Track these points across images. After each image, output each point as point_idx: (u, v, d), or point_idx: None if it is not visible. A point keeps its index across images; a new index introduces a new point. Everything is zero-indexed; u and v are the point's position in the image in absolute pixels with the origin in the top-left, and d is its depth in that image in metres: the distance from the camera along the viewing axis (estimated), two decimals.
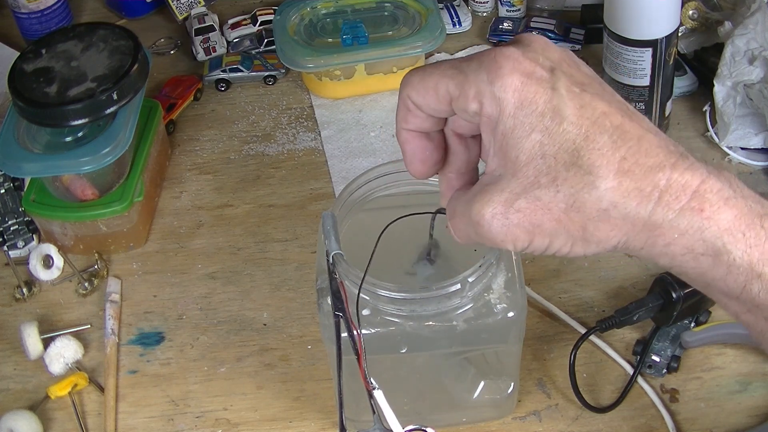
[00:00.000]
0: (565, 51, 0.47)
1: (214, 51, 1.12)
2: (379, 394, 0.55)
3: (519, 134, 0.45)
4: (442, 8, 1.13)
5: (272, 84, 1.09)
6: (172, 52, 1.15)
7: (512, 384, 0.72)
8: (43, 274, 0.88)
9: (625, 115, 0.45)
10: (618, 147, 0.44)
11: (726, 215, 0.44)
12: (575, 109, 0.44)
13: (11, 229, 0.92)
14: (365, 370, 0.56)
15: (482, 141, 0.48)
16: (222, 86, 1.09)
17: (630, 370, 0.77)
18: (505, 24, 1.11)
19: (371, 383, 0.55)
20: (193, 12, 1.16)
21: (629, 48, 0.91)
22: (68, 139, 0.87)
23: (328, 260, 0.60)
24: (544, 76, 0.45)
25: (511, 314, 0.63)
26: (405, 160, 0.52)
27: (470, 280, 0.60)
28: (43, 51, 0.88)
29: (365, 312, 0.62)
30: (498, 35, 1.11)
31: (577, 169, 0.44)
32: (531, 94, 0.45)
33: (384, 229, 0.61)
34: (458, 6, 1.15)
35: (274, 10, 1.11)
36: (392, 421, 0.54)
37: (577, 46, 1.08)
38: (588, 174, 0.44)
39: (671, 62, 0.93)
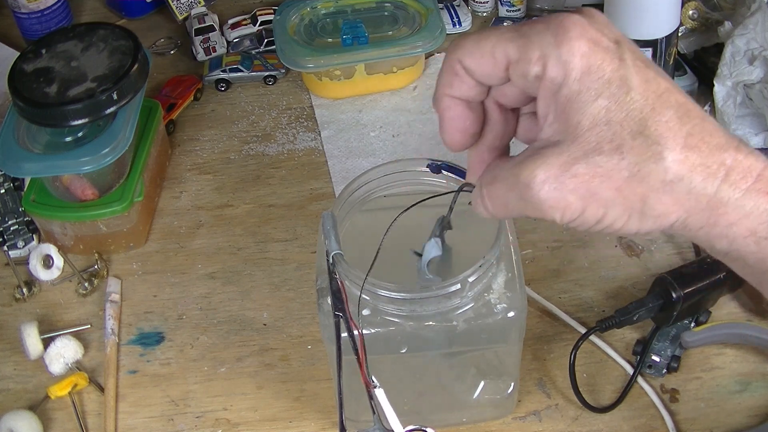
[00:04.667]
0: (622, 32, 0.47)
1: (214, 51, 1.12)
2: (380, 393, 0.55)
3: (584, 99, 0.44)
4: (442, 8, 1.13)
5: (272, 84, 1.09)
6: (172, 52, 1.15)
7: (512, 384, 0.72)
8: (43, 274, 0.88)
9: (686, 96, 0.45)
10: (684, 123, 0.44)
11: None
12: (641, 82, 0.44)
13: (11, 229, 0.92)
14: (366, 368, 0.56)
15: (538, 108, 0.46)
16: (222, 86, 1.09)
17: (630, 370, 0.77)
18: (505, 24, 1.11)
19: (372, 381, 0.55)
20: (193, 12, 1.16)
21: None
22: (68, 139, 0.87)
23: (328, 260, 0.60)
24: (610, 46, 0.45)
25: (511, 314, 0.63)
26: (442, 129, 0.50)
27: (470, 280, 0.60)
28: (43, 51, 0.88)
29: (365, 312, 0.62)
30: None
31: (644, 139, 0.43)
32: (598, 60, 0.44)
33: (398, 216, 0.59)
34: (458, 6, 1.15)
35: (274, 10, 1.11)
36: (392, 420, 0.54)
37: None
38: (656, 144, 0.43)
39: (671, 62, 0.93)
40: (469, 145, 0.51)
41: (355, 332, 0.59)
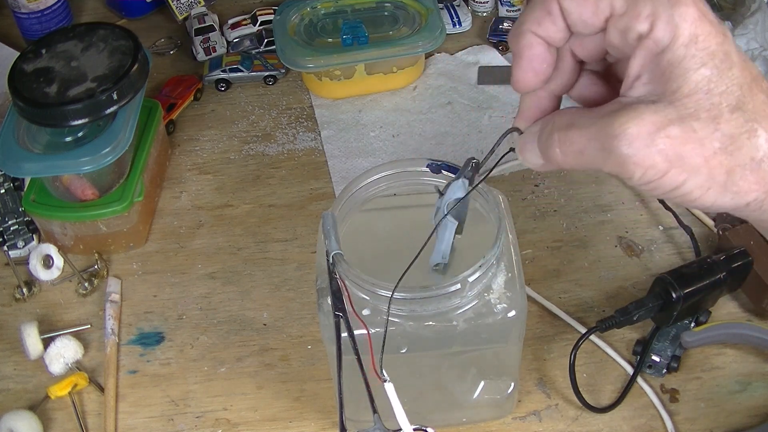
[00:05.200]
0: None
1: (214, 51, 1.12)
2: (389, 387, 0.55)
3: (687, 65, 0.44)
4: (442, 8, 1.13)
5: (272, 84, 1.09)
6: (172, 52, 1.15)
7: (512, 384, 0.72)
8: (43, 274, 0.88)
9: None
10: None
11: None
12: (740, 61, 0.45)
13: (11, 229, 0.92)
14: (380, 363, 0.55)
15: (630, 67, 0.46)
16: (222, 86, 1.09)
17: (630, 370, 0.77)
18: (505, 24, 1.11)
19: (383, 376, 0.55)
20: (193, 12, 1.16)
21: None
22: (68, 139, 0.87)
23: (328, 260, 0.60)
24: (714, 21, 0.45)
25: (511, 314, 0.63)
26: (517, 66, 0.49)
27: (470, 280, 0.60)
28: (43, 51, 0.88)
29: (365, 312, 0.62)
30: (498, 35, 1.11)
31: (741, 113, 0.44)
32: (705, 31, 0.44)
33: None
34: (458, 6, 1.15)
35: (274, 10, 1.11)
36: (400, 416, 0.54)
37: None
38: (752, 121, 0.44)
39: None
40: (537, 87, 0.50)
41: (363, 331, 0.59)
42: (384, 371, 0.56)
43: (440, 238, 0.60)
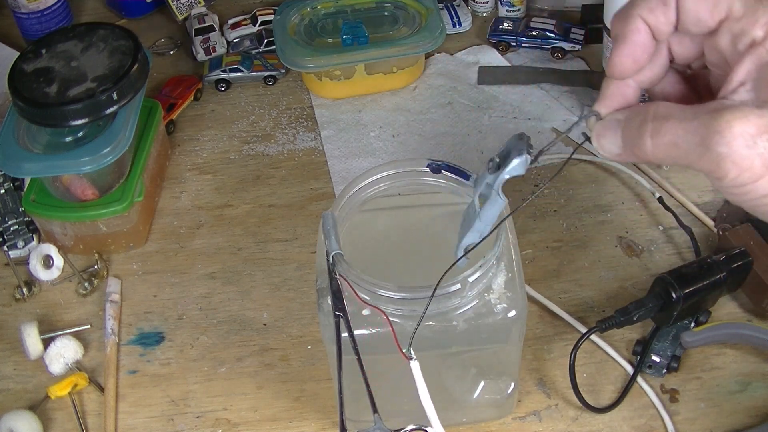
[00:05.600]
0: None
1: (214, 51, 1.12)
2: (414, 366, 0.55)
3: None
4: (442, 8, 1.13)
5: (272, 84, 1.09)
6: (172, 52, 1.15)
7: (512, 384, 0.72)
8: (43, 274, 0.88)
9: None
10: None
11: None
12: None
13: (11, 229, 0.92)
14: (407, 343, 0.56)
15: (735, 73, 0.45)
16: (222, 86, 1.09)
17: (630, 370, 0.77)
18: (505, 24, 1.11)
19: (410, 354, 0.55)
20: (193, 12, 1.16)
21: None
22: (68, 139, 0.87)
23: (328, 260, 0.60)
24: None
25: (511, 314, 0.63)
26: (617, 51, 0.49)
27: (470, 280, 0.60)
28: (43, 51, 0.88)
29: (365, 312, 0.62)
30: (498, 35, 1.11)
31: None
32: None
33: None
34: (458, 6, 1.15)
35: (274, 10, 1.11)
36: (423, 394, 0.54)
37: (577, 46, 1.08)
38: None
39: None
40: (631, 75, 0.50)
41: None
42: (411, 350, 0.55)
43: (483, 216, 0.58)
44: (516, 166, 0.54)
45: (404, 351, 0.56)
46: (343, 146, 1.00)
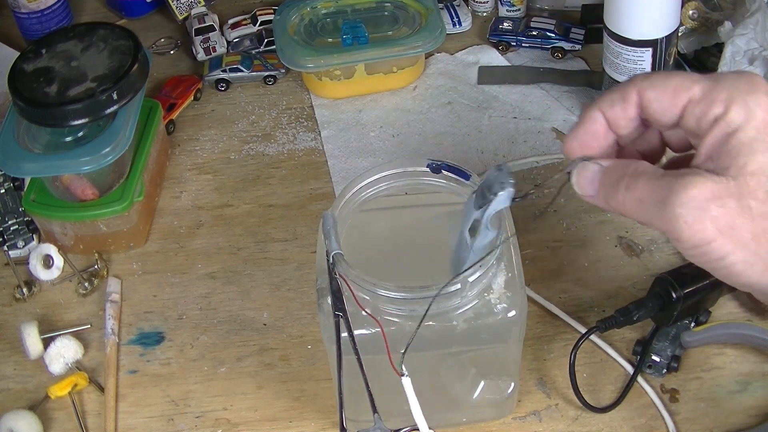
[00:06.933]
0: None
1: (214, 51, 1.12)
2: (406, 381, 0.55)
3: (756, 147, 0.46)
4: (442, 8, 1.13)
5: (272, 84, 1.09)
6: (172, 52, 1.15)
7: (512, 384, 0.72)
8: (43, 274, 0.88)
9: None
10: None
11: None
12: None
13: (11, 229, 0.92)
14: (400, 357, 0.56)
15: (702, 147, 0.48)
16: (222, 86, 1.09)
17: (630, 370, 0.77)
18: (505, 24, 1.11)
19: (402, 371, 0.55)
20: (193, 12, 1.16)
21: (629, 48, 0.91)
22: (68, 139, 0.87)
23: (328, 260, 0.60)
24: None
25: (511, 314, 0.63)
26: (570, 133, 0.53)
27: (470, 280, 0.60)
28: (43, 51, 0.88)
29: (365, 312, 0.62)
30: (498, 35, 1.11)
31: None
32: None
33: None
34: (458, 6, 1.15)
35: (274, 10, 1.11)
36: (416, 412, 0.54)
37: (577, 46, 1.08)
38: None
39: (671, 62, 0.93)
40: (579, 155, 0.53)
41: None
42: (404, 366, 0.56)
43: (476, 248, 0.60)
44: (501, 200, 0.56)
45: (397, 366, 0.56)
46: (343, 146, 1.01)
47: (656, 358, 0.77)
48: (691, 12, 0.99)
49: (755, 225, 0.46)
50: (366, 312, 0.58)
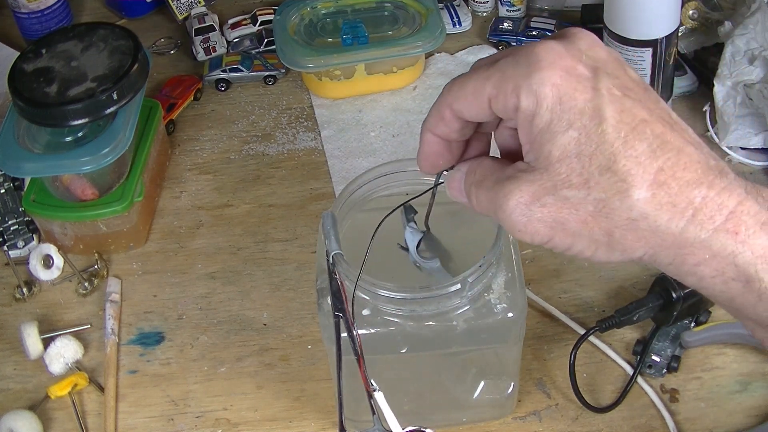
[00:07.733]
0: (612, 52, 0.46)
1: (214, 51, 1.12)
2: (379, 396, 0.55)
3: (555, 129, 0.43)
4: (442, 8, 1.13)
5: (272, 84, 1.09)
6: (172, 52, 1.15)
7: (512, 384, 0.72)
8: (43, 274, 0.88)
9: (667, 125, 0.44)
10: (656, 157, 0.43)
11: (761, 240, 0.42)
12: (615, 113, 0.43)
13: (11, 229, 0.92)
14: (365, 371, 0.56)
15: (520, 137, 0.46)
16: (222, 86, 1.09)
17: (630, 370, 0.77)
18: (505, 24, 1.11)
19: (372, 385, 0.55)
20: (193, 12, 1.16)
21: (629, 48, 0.91)
22: (68, 139, 0.87)
23: (328, 260, 0.60)
24: (585, 74, 0.44)
25: (511, 314, 0.63)
26: (418, 155, 0.52)
27: (470, 280, 0.60)
28: (43, 51, 0.88)
29: (365, 312, 0.62)
30: (498, 35, 1.11)
31: (611, 175, 0.43)
32: (570, 90, 0.43)
33: (385, 217, 0.59)
34: (458, 6, 1.15)
35: (274, 10, 1.11)
36: (392, 423, 0.54)
37: None
38: (622, 181, 0.42)
39: (671, 62, 0.93)
40: (434, 172, 0.53)
41: (363, 331, 0.59)
42: (373, 381, 0.56)
43: (432, 273, 0.61)
44: (409, 240, 0.61)
45: (368, 381, 0.56)
46: (343, 146, 1.00)
47: (656, 358, 0.77)
48: (691, 12, 0.99)
49: (579, 213, 0.44)
50: (350, 322, 0.58)
